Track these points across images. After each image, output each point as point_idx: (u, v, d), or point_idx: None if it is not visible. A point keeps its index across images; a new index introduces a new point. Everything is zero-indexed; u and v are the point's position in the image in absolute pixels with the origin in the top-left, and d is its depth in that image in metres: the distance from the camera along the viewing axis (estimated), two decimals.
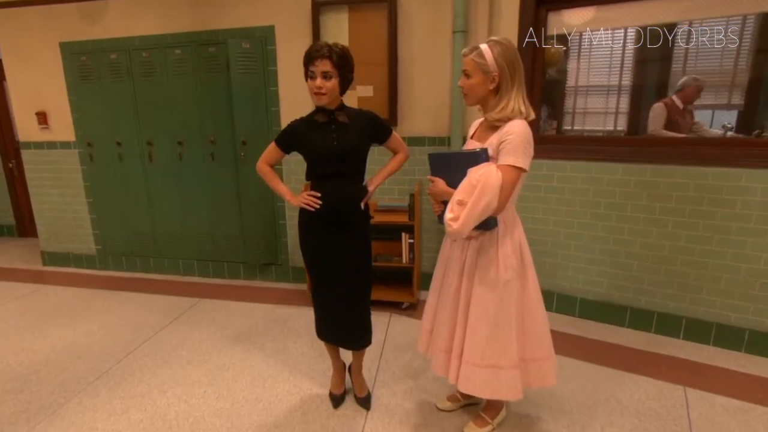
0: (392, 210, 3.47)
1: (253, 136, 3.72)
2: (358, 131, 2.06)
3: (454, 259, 1.95)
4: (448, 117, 3.45)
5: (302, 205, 2.11)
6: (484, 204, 1.63)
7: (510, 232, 1.83)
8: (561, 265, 3.23)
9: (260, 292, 3.91)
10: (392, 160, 2.27)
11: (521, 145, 1.68)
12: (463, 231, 1.67)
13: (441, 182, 1.83)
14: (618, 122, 3.51)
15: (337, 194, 2.08)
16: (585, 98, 3.46)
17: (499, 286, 1.81)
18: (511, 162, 1.67)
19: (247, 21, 3.64)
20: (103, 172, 4.23)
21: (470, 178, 1.66)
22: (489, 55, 1.72)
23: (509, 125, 1.70)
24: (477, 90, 1.78)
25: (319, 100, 1.98)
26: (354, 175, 2.12)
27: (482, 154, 1.70)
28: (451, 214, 1.68)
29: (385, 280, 3.70)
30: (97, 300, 3.79)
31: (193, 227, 4.17)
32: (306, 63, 1.95)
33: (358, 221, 2.15)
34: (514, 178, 1.68)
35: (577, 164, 3.07)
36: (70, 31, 3.98)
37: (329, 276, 2.17)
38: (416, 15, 3.37)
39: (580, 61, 3.35)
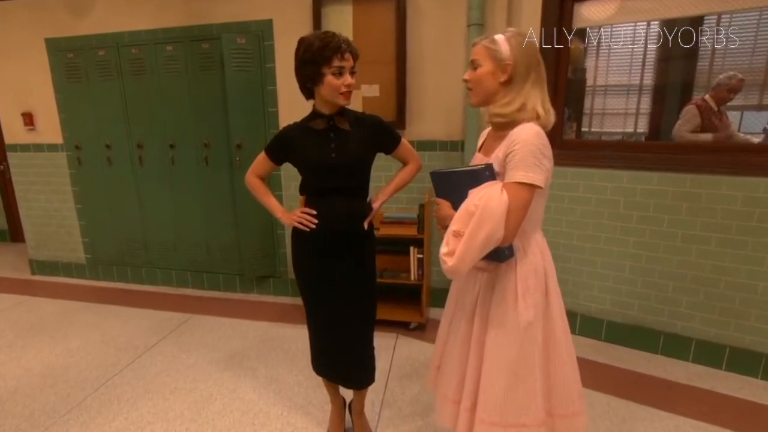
0: (399, 222, 3.17)
1: (248, 139, 3.45)
2: (360, 139, 1.78)
3: (463, 294, 1.63)
4: (461, 119, 3.15)
5: (295, 224, 1.83)
6: (484, 235, 1.31)
7: (532, 260, 1.49)
8: (586, 284, 2.91)
9: (256, 307, 3.63)
10: (402, 172, 1.96)
11: (531, 156, 1.34)
12: (460, 269, 1.35)
13: (446, 205, 1.49)
14: (639, 124, 3.19)
15: (336, 212, 1.79)
16: (603, 98, 3.14)
17: (519, 329, 1.47)
18: (519, 178, 1.34)
19: (242, 14, 3.38)
20: (91, 177, 3.99)
21: (468, 203, 1.35)
22: (503, 42, 1.42)
23: (517, 131, 1.37)
24: (485, 82, 1.43)
25: (347, 100, 1.70)
26: (356, 190, 1.83)
27: (485, 172, 1.37)
28: (446, 248, 1.37)
29: (392, 298, 3.40)
30: (82, 314, 3.54)
31: (187, 236, 3.91)
32: (328, 57, 1.62)
33: (360, 244, 1.86)
34: (524, 199, 1.34)
35: (606, 172, 2.75)
36: (57, 27, 3.73)
37: (327, 307, 1.89)
38: (427, 7, 3.07)
39: (599, 59, 3.03)
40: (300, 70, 1.70)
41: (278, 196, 3.55)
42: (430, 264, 3.31)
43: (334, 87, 1.66)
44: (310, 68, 1.66)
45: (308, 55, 1.64)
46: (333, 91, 1.67)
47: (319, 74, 1.65)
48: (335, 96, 1.68)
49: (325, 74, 1.64)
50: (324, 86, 1.67)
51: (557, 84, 2.87)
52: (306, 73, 1.68)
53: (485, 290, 1.55)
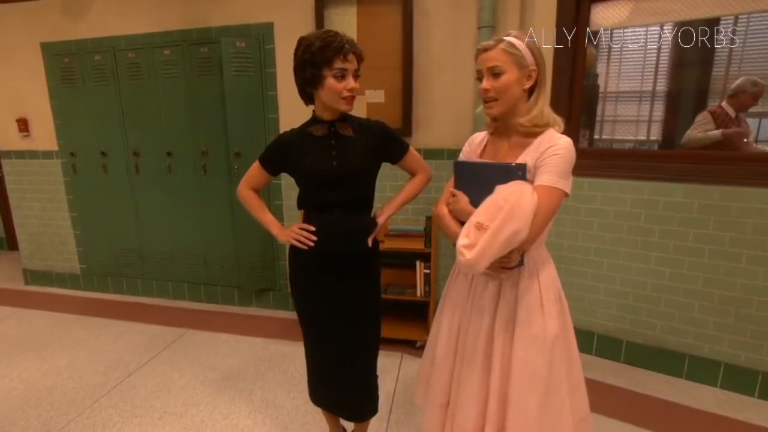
0: (405, 234, 2.99)
1: (248, 146, 3.30)
2: (364, 148, 1.63)
3: (477, 307, 1.49)
4: (470, 126, 2.97)
5: (292, 242, 1.67)
6: (510, 232, 1.26)
7: (550, 271, 1.47)
8: (603, 302, 2.72)
9: (255, 322, 3.46)
10: (410, 184, 1.80)
11: (566, 164, 1.34)
12: (478, 264, 1.28)
13: (463, 198, 1.43)
14: (651, 132, 3.02)
15: (337, 228, 1.64)
16: (615, 105, 2.98)
17: (547, 343, 1.40)
18: (551, 182, 1.32)
19: (243, 17, 3.24)
20: (87, 185, 3.86)
21: (496, 197, 1.30)
22: (522, 46, 1.36)
23: (551, 138, 1.36)
24: (512, 90, 1.37)
25: (349, 105, 1.57)
26: (359, 203, 1.67)
27: (517, 170, 1.33)
28: (466, 240, 1.30)
29: (396, 315, 3.21)
30: (73, 328, 3.38)
31: (184, 247, 3.76)
32: (329, 58, 1.48)
33: (363, 263, 1.71)
34: (553, 204, 1.33)
35: (626, 183, 2.57)
36: (52, 31, 3.61)
37: (326, 332, 1.72)
38: (435, 8, 2.92)
39: (610, 64, 2.87)
40: (299, 72, 1.57)
41: (278, 206, 3.42)
42: (437, 278, 3.13)
43: (335, 91, 1.52)
44: (309, 70, 1.52)
45: (307, 55, 1.50)
46: (334, 95, 1.53)
47: (319, 77, 1.51)
48: (336, 101, 1.54)
49: (325, 77, 1.51)
50: (324, 90, 1.53)
51: (573, 90, 2.69)
52: (305, 76, 1.54)
53: (506, 305, 1.44)
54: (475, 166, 1.46)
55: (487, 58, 1.38)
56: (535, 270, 1.43)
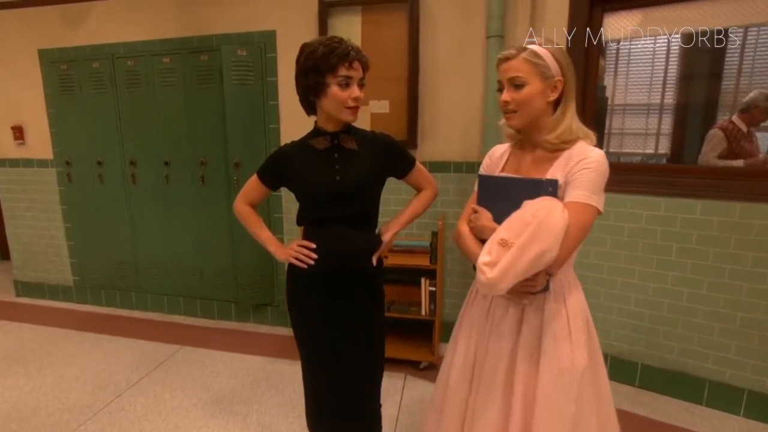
0: (410, 250, 2.88)
1: (247, 157, 3.20)
2: (369, 162, 1.54)
3: (496, 332, 1.38)
4: (478, 138, 2.88)
5: (291, 260, 1.58)
6: (537, 251, 1.16)
7: (578, 297, 1.36)
8: (617, 323, 2.59)
9: (252, 338, 3.33)
10: (416, 200, 1.72)
11: (599, 179, 1.25)
12: (499, 284, 1.18)
13: (486, 214, 1.34)
14: (660, 145, 2.93)
15: (339, 246, 1.55)
16: (622, 118, 2.89)
17: (576, 376, 1.28)
18: (584, 199, 1.23)
19: (244, 25, 3.17)
20: (82, 195, 3.76)
21: (523, 212, 1.21)
22: (547, 54, 1.27)
23: (583, 150, 1.27)
24: (535, 103, 1.29)
25: (353, 116, 1.49)
26: (362, 219, 1.58)
27: (548, 186, 1.25)
28: (488, 257, 1.20)
29: (400, 334, 3.08)
30: (63, 343, 3.25)
31: (180, 259, 3.65)
32: (333, 65, 1.40)
33: (367, 283, 1.60)
34: (586, 222, 1.23)
35: (641, 199, 2.46)
36: (50, 37, 3.55)
37: (327, 357, 1.60)
38: (442, 17, 2.84)
39: (617, 76, 2.79)
40: (301, 80, 1.48)
41: (277, 219, 3.32)
42: (442, 296, 3.01)
43: (339, 100, 1.44)
44: (312, 77, 1.43)
45: (310, 62, 1.42)
46: (338, 104, 1.45)
47: (323, 84, 1.43)
48: (340, 111, 1.46)
49: (329, 85, 1.43)
50: (327, 99, 1.45)
51: (585, 102, 2.60)
52: (307, 83, 1.45)
53: (529, 331, 1.32)
54: (500, 180, 1.37)
55: (508, 68, 1.30)
56: (561, 294, 1.33)
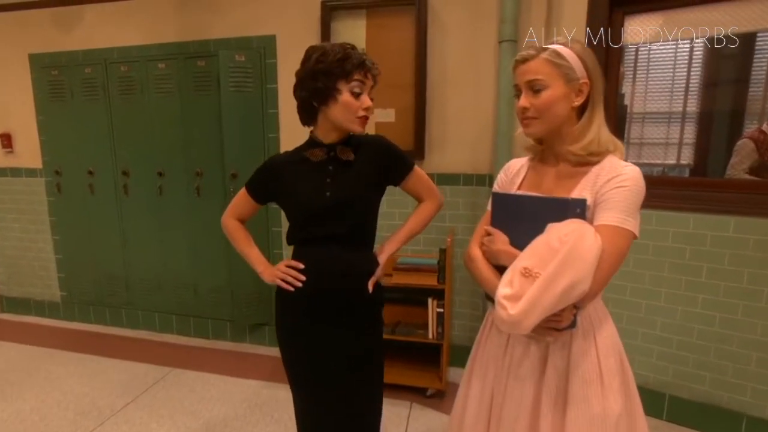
0: (416, 268, 2.70)
1: (245, 167, 3.04)
2: (364, 172, 1.43)
3: (515, 374, 1.22)
4: (489, 149, 2.74)
5: (277, 282, 1.47)
6: (567, 282, 1.02)
7: (610, 332, 1.20)
8: (642, 349, 2.41)
9: (248, 361, 3.17)
10: (415, 214, 1.58)
11: (635, 199, 1.10)
12: (524, 321, 1.03)
13: (502, 237, 1.20)
14: (682, 155, 2.77)
15: (331, 267, 1.43)
16: (641, 126, 2.74)
17: (609, 426, 1.13)
18: (618, 221, 1.08)
19: (243, 29, 3.07)
20: (71, 206, 3.64)
21: (548, 237, 1.07)
22: (571, 54, 1.14)
23: (615, 166, 1.13)
24: (557, 108, 1.15)
25: (362, 127, 1.40)
26: (357, 237, 1.46)
27: (575, 206, 1.10)
28: (509, 290, 1.06)
29: (405, 358, 2.90)
30: (47, 364, 3.09)
31: (174, 275, 3.51)
32: (348, 71, 1.32)
33: (362, 309, 1.48)
34: (621, 248, 1.09)
35: (667, 215, 2.30)
36: (41, 41, 3.45)
37: (318, 389, 1.47)
38: (451, 21, 2.72)
39: (636, 83, 2.65)
40: (307, 83, 1.36)
41: (276, 233, 3.18)
42: (451, 318, 2.85)
43: (350, 109, 1.35)
44: (322, 81, 1.33)
45: (323, 65, 1.33)
46: (349, 113, 1.36)
47: (333, 90, 1.34)
48: (350, 120, 1.37)
49: (340, 91, 1.34)
50: (337, 106, 1.35)
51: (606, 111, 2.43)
52: (315, 87, 1.34)
53: (554, 374, 1.16)
54: (517, 199, 1.23)
55: (526, 70, 1.16)
56: (590, 330, 1.17)
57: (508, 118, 2.58)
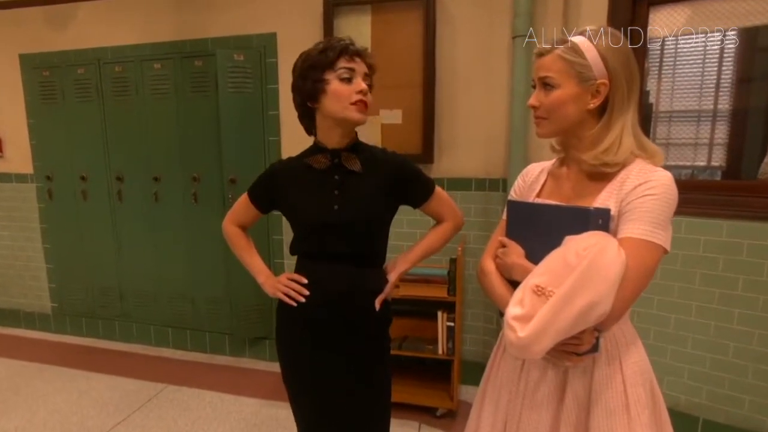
0: (426, 279, 2.60)
1: (244, 173, 2.97)
2: (376, 187, 1.36)
3: (531, 401, 1.13)
4: (503, 151, 2.63)
5: (279, 295, 1.41)
6: (585, 302, 0.92)
7: (638, 357, 1.10)
8: (672, 368, 2.27)
9: (247, 377, 3.05)
10: (433, 233, 1.51)
11: (665, 209, 1.01)
12: (534, 345, 0.95)
13: (517, 249, 1.13)
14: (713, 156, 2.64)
15: (336, 284, 1.36)
16: (668, 126, 2.63)
17: None
18: (645, 234, 0.99)
19: (242, 27, 2.99)
20: (63, 213, 3.56)
21: (565, 251, 0.98)
22: (591, 50, 1.04)
23: (643, 172, 1.04)
24: (565, 110, 1.08)
25: (362, 114, 1.31)
26: (366, 257, 1.40)
27: (597, 217, 1.02)
28: (519, 309, 0.98)
29: (414, 375, 2.78)
30: (35, 381, 2.99)
31: (170, 286, 3.42)
32: (331, 59, 1.28)
33: (369, 330, 1.41)
34: (649, 264, 0.99)
35: (698, 222, 2.16)
36: (33, 41, 3.38)
37: (321, 409, 1.43)
38: (461, 16, 2.63)
39: (662, 79, 2.53)
40: (298, 86, 1.34)
41: (277, 241, 3.08)
42: (462, 332, 2.72)
43: (341, 95, 1.28)
44: (310, 76, 1.30)
45: (307, 62, 1.31)
46: (340, 102, 1.28)
47: (321, 83, 1.29)
48: (344, 109, 1.29)
49: (328, 81, 1.28)
50: (328, 98, 1.29)
51: None
52: (305, 86, 1.31)
53: (574, 402, 1.08)
54: (535, 208, 1.16)
55: (539, 65, 1.11)
56: (616, 354, 1.07)
57: (523, 118, 2.48)
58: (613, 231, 1.03)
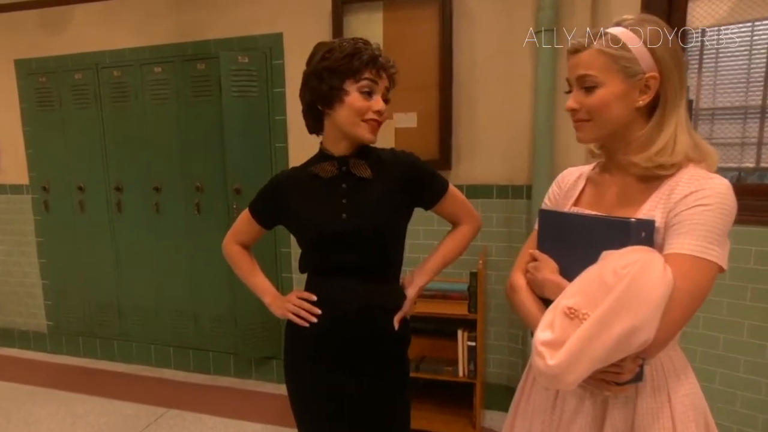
0: (444, 295, 2.50)
1: (250, 182, 2.91)
2: (386, 193, 1.32)
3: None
4: (527, 156, 2.54)
5: (289, 316, 1.37)
6: (624, 328, 0.85)
7: (689, 389, 1.02)
8: (722, 394, 2.13)
9: (252, 399, 2.97)
10: (450, 239, 1.47)
11: (722, 222, 0.93)
12: (566, 375, 0.87)
13: (549, 264, 1.07)
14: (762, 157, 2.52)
15: (351, 303, 1.31)
16: (711, 124, 2.53)
17: None
18: (697, 250, 0.91)
19: (246, 28, 2.96)
20: (60, 225, 3.53)
21: (602, 269, 0.90)
22: (635, 41, 0.98)
23: (696, 179, 0.96)
24: (613, 109, 1.00)
25: (372, 135, 1.28)
26: (380, 268, 1.36)
27: (639, 229, 0.94)
28: (549, 334, 0.90)
29: (432, 399, 2.68)
30: (26, 405, 2.93)
31: (171, 302, 3.37)
32: (357, 68, 1.22)
33: (386, 351, 1.37)
34: (702, 283, 0.92)
35: (747, 230, 2.03)
36: (28, 46, 3.37)
37: None
38: (480, 9, 2.56)
39: (702, 73, 2.44)
40: (311, 83, 1.28)
41: (285, 254, 3.01)
42: (484, 352, 2.60)
43: (357, 110, 1.24)
44: (327, 81, 1.24)
45: (328, 62, 1.24)
46: (354, 116, 1.24)
47: (339, 91, 1.24)
48: (355, 125, 1.25)
49: (348, 92, 1.23)
50: (343, 108, 1.25)
51: None
52: (321, 88, 1.25)
53: None
54: (570, 218, 1.11)
55: (576, 63, 1.03)
56: (663, 385, 1.00)
57: (548, 119, 2.40)
58: (658, 246, 0.95)
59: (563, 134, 2.40)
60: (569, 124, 1.10)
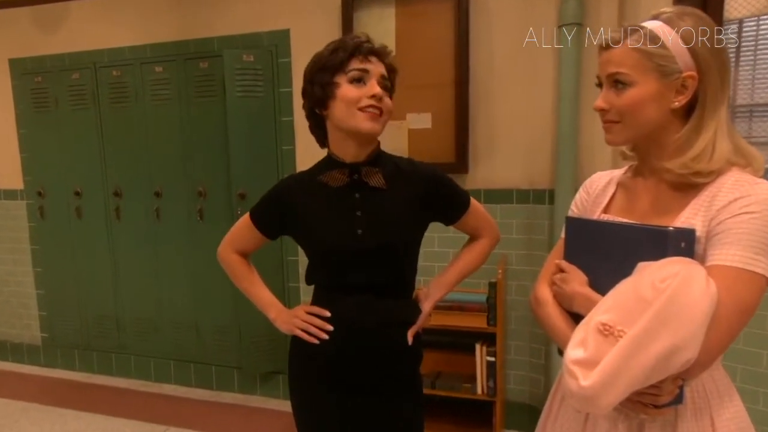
0: (461, 307, 2.50)
1: (255, 186, 2.85)
2: (403, 206, 1.29)
3: None
4: (550, 159, 2.51)
5: (297, 332, 1.33)
6: (664, 347, 0.82)
7: (733, 412, 0.99)
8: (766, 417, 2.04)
9: (256, 417, 2.94)
10: (467, 252, 1.46)
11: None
12: (600, 398, 0.84)
13: (578, 276, 1.04)
14: None
15: (363, 318, 1.28)
16: (749, 122, 2.50)
17: None
18: (742, 262, 0.89)
19: (251, 25, 2.97)
20: (56, 232, 3.53)
21: (639, 282, 0.88)
22: (673, 37, 0.94)
23: (739, 184, 0.93)
24: (646, 110, 0.98)
25: (373, 123, 1.22)
26: (396, 286, 1.33)
27: (678, 239, 0.92)
28: (581, 352, 0.88)
29: (450, 417, 2.64)
30: (19, 422, 2.91)
31: (172, 314, 3.36)
32: (342, 60, 1.21)
33: (400, 369, 1.35)
34: (750, 297, 0.89)
35: None
36: (23, 44, 3.39)
37: None
38: (498, 4, 2.54)
39: (740, 67, 2.43)
40: (308, 91, 1.27)
41: (292, 262, 3.00)
42: (504, 368, 2.53)
43: (350, 100, 1.19)
44: (319, 80, 1.23)
45: (317, 65, 1.25)
46: (349, 106, 1.19)
47: (331, 86, 1.21)
48: (352, 116, 1.20)
49: (339, 84, 1.21)
50: (336, 104, 1.21)
51: None
52: (314, 91, 1.24)
53: None
54: (601, 227, 1.07)
55: (607, 59, 1.01)
56: (705, 407, 0.97)
57: (572, 119, 2.37)
58: (699, 257, 0.92)
59: (588, 135, 2.36)
60: (595, 123, 1.05)
